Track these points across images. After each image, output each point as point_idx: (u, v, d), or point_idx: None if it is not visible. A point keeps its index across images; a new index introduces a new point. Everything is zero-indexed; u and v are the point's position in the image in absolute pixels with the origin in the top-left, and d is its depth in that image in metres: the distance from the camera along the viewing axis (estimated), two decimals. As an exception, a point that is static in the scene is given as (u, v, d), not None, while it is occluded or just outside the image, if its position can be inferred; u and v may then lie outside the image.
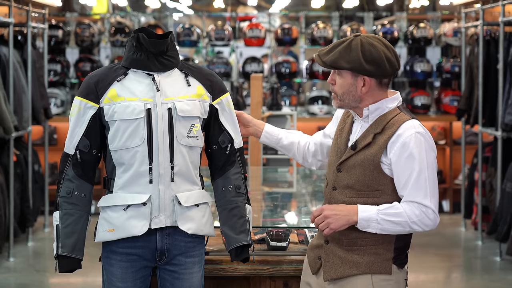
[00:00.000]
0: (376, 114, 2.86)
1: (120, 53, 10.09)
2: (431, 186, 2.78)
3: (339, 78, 2.85)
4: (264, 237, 3.51)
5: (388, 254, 2.84)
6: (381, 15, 10.93)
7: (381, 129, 2.82)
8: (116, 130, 2.95)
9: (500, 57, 7.20)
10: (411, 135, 2.78)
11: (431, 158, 2.79)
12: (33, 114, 7.70)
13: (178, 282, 3.03)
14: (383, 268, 2.83)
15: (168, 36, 3.04)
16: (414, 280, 6.46)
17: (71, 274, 3.04)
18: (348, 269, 2.84)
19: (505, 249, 6.76)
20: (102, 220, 3.01)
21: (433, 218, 2.77)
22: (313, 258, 2.95)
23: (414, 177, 2.76)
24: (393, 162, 2.78)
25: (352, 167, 2.84)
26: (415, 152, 2.76)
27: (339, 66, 2.82)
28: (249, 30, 9.66)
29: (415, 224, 2.76)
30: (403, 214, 2.75)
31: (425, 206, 2.76)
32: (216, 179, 3.12)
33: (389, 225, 2.76)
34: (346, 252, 2.84)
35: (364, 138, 2.84)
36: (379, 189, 2.81)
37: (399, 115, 2.84)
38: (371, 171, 2.80)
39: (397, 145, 2.78)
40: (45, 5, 8.59)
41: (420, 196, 2.76)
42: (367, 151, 2.82)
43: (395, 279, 2.86)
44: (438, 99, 9.54)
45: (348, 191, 2.84)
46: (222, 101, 3.10)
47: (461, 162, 8.70)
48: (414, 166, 2.76)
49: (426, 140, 2.79)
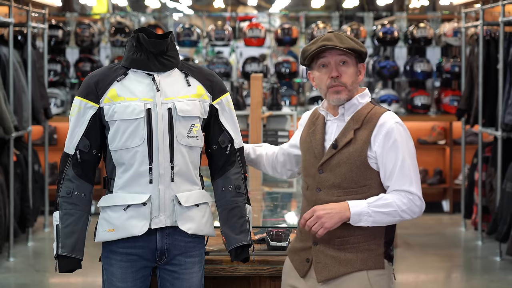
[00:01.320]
0: (351, 111, 2.91)
1: (120, 53, 10.09)
2: (415, 174, 2.84)
3: (347, 68, 2.90)
4: (264, 237, 3.51)
5: (380, 249, 2.87)
6: (381, 15, 10.93)
7: (360, 124, 2.87)
8: (116, 130, 2.95)
9: (500, 57, 7.20)
10: (392, 125, 2.84)
11: (412, 148, 2.87)
12: (33, 114, 7.70)
13: (178, 282, 3.03)
14: (377, 263, 2.87)
15: (168, 36, 3.04)
16: (414, 280, 6.46)
17: (71, 274, 3.05)
18: (343, 268, 2.85)
19: (505, 249, 6.75)
20: (102, 220, 3.01)
21: (419, 204, 2.85)
22: (299, 261, 2.96)
23: (399, 166, 2.82)
24: (378, 154, 2.84)
25: (336, 165, 2.86)
26: (398, 141, 2.83)
27: (359, 50, 2.89)
28: (249, 30, 9.66)
29: (405, 212, 2.82)
30: (392, 204, 2.80)
31: (412, 193, 2.82)
32: (216, 179, 3.12)
33: (381, 216, 2.80)
34: (339, 251, 2.86)
35: (344, 136, 2.88)
36: (367, 184, 2.85)
37: (374, 108, 2.90)
38: (358, 167, 2.84)
39: (380, 137, 2.84)
40: (45, 5, 8.59)
41: (406, 184, 2.82)
42: (350, 148, 2.85)
43: (388, 273, 2.91)
44: (438, 99, 9.54)
45: (335, 191, 2.86)
46: (222, 101, 3.10)
47: (461, 162, 8.70)
48: (398, 155, 2.82)
49: (405, 129, 2.88)
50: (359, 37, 9.57)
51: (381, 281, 2.86)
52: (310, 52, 2.90)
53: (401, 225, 8.00)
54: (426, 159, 9.52)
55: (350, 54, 2.89)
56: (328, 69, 2.90)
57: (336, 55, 2.89)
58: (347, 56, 2.89)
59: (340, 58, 2.89)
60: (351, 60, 2.90)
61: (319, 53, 2.90)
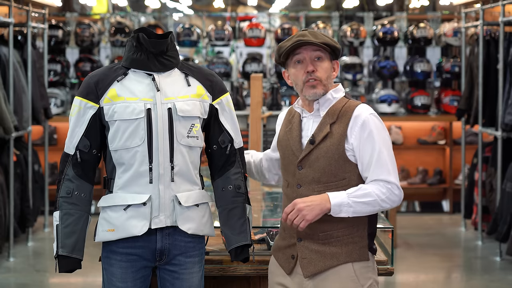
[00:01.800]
0: (326, 105, 2.95)
1: (120, 53, 10.09)
2: (391, 163, 2.87)
3: (322, 63, 2.95)
4: (264, 237, 3.51)
5: (363, 241, 2.91)
6: (381, 15, 10.93)
7: (335, 118, 2.91)
8: (116, 130, 2.95)
9: (500, 57, 7.20)
10: (367, 116, 2.89)
11: (388, 138, 2.91)
12: (33, 114, 7.70)
13: (178, 282, 3.03)
14: (362, 255, 2.91)
15: (168, 36, 3.04)
16: (414, 280, 6.46)
17: (71, 274, 3.05)
18: (328, 262, 2.88)
19: (505, 249, 6.75)
20: (102, 220, 3.01)
21: (398, 193, 2.86)
22: (285, 259, 2.98)
23: (376, 156, 2.85)
24: (355, 146, 2.87)
25: (315, 160, 2.90)
26: (373, 132, 2.87)
27: (333, 45, 2.95)
28: (249, 30, 9.66)
29: (384, 201, 2.84)
30: (372, 193, 2.83)
31: (390, 183, 2.85)
32: (216, 179, 3.12)
33: (361, 206, 2.82)
34: (323, 245, 2.89)
35: (320, 131, 2.92)
36: (346, 177, 2.88)
37: (348, 102, 2.95)
38: (336, 160, 2.88)
39: (356, 129, 2.87)
40: (45, 5, 8.59)
41: (384, 173, 2.85)
42: (328, 142, 2.89)
43: (372, 265, 2.95)
44: (438, 99, 9.54)
45: (315, 186, 2.90)
46: (222, 101, 3.10)
47: (461, 162, 8.70)
48: (374, 146, 2.86)
49: (380, 121, 2.92)
50: (359, 37, 9.58)
51: (366, 273, 2.91)
52: (285, 48, 2.96)
53: (401, 225, 8.05)
54: (426, 159, 9.52)
55: (325, 50, 2.95)
56: (304, 65, 2.95)
57: (311, 51, 2.94)
58: (321, 52, 2.95)
59: (315, 54, 2.95)
60: (326, 56, 2.95)
61: (294, 50, 2.95)
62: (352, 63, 9.65)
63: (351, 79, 9.72)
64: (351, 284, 2.88)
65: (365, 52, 10.90)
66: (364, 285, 2.90)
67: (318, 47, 2.94)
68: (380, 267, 3.32)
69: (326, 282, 2.89)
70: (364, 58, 10.72)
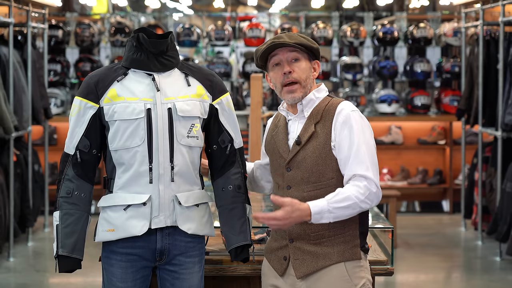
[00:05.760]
0: (309, 106, 2.95)
1: (120, 53, 10.09)
2: (370, 160, 2.85)
3: (299, 64, 2.94)
4: (264, 237, 3.51)
5: (355, 241, 2.91)
6: (381, 15, 10.93)
7: (320, 117, 2.91)
8: (116, 130, 2.95)
9: (500, 57, 7.20)
10: (348, 113, 2.88)
11: (368, 135, 2.89)
12: (33, 114, 7.70)
13: (178, 282, 3.03)
14: (354, 254, 2.90)
15: (168, 36, 3.04)
16: (414, 280, 6.46)
17: (71, 274, 3.05)
18: (320, 262, 2.88)
19: (505, 249, 6.75)
20: (102, 220, 3.01)
21: (376, 191, 2.83)
22: (277, 260, 2.97)
23: (354, 151, 2.83)
24: (336, 140, 2.87)
25: (302, 161, 2.89)
26: (353, 127, 2.86)
27: (309, 46, 2.94)
28: (249, 30, 9.66)
29: (364, 202, 2.81)
30: (350, 197, 2.80)
31: (367, 178, 2.82)
32: (216, 179, 3.12)
33: (341, 211, 2.80)
34: (315, 246, 2.89)
35: (305, 131, 2.92)
36: (334, 177, 2.88)
37: (331, 100, 2.95)
38: (323, 159, 2.87)
39: (337, 124, 2.87)
40: (45, 5, 8.59)
41: (362, 169, 2.82)
42: (314, 141, 2.89)
43: (364, 265, 2.94)
44: (438, 99, 9.54)
45: (304, 186, 2.89)
46: (222, 101, 3.10)
47: (461, 162, 8.70)
48: (352, 141, 2.84)
49: (362, 117, 2.91)
50: (359, 37, 9.58)
51: (359, 272, 2.90)
52: (261, 51, 2.96)
53: (401, 225, 8.05)
54: (426, 159, 9.52)
55: (302, 50, 2.94)
56: (281, 67, 2.95)
57: (287, 52, 2.94)
58: (298, 53, 2.94)
59: (292, 55, 2.94)
60: (303, 56, 2.95)
61: (270, 52, 2.95)
62: (352, 63, 9.65)
63: (351, 79, 9.72)
64: (343, 284, 2.87)
65: (365, 52, 10.90)
66: (357, 285, 2.89)
67: (294, 48, 2.93)
68: (380, 267, 3.32)
69: (318, 283, 2.88)
70: (364, 58, 10.71)
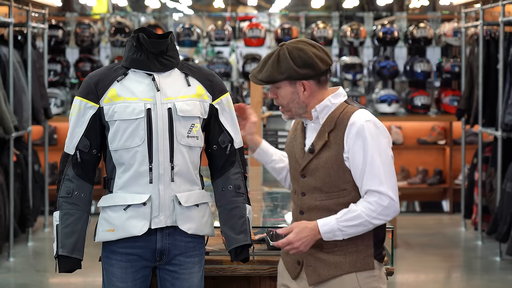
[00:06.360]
0: (324, 113, 2.88)
1: (120, 53, 10.09)
2: (386, 172, 2.78)
3: (279, 91, 2.89)
4: (264, 237, 3.51)
5: (369, 250, 2.86)
6: (381, 15, 10.93)
7: (333, 126, 2.85)
8: (116, 130, 2.95)
9: (500, 57, 7.20)
10: (361, 124, 2.80)
11: (384, 145, 2.81)
12: (33, 114, 7.70)
13: (178, 282, 3.03)
14: (366, 264, 2.85)
15: (168, 36, 3.04)
16: (414, 280, 6.46)
17: (71, 274, 3.05)
18: (332, 271, 2.85)
19: (505, 249, 6.75)
20: (102, 220, 3.01)
21: (388, 205, 2.77)
22: (291, 263, 2.96)
23: (368, 165, 2.77)
24: (349, 153, 2.81)
25: (315, 170, 2.85)
26: (367, 140, 2.78)
27: (275, 80, 2.87)
28: (249, 30, 9.66)
29: (376, 219, 2.78)
30: (361, 215, 2.77)
31: (380, 193, 2.76)
32: (216, 179, 3.12)
33: (353, 229, 2.78)
34: (328, 254, 2.85)
35: (319, 139, 2.87)
36: (347, 188, 2.83)
37: (347, 108, 2.87)
38: (336, 171, 2.82)
39: (350, 136, 2.81)
40: (45, 5, 8.59)
41: (375, 183, 2.77)
42: (327, 152, 2.84)
43: (378, 274, 2.89)
44: (438, 99, 9.54)
45: (318, 195, 2.86)
46: (222, 101, 3.10)
47: (461, 162, 8.70)
48: (366, 155, 2.78)
49: (377, 127, 2.82)
50: (359, 37, 9.57)
51: (371, 283, 2.85)
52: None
53: (401, 225, 8.05)
54: (426, 159, 9.52)
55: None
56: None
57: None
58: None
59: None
60: (282, 83, 2.88)
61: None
62: (352, 63, 9.65)
63: (351, 79, 9.72)
64: None
65: (365, 52, 10.90)
66: None
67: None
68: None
69: None
70: (364, 58, 10.72)
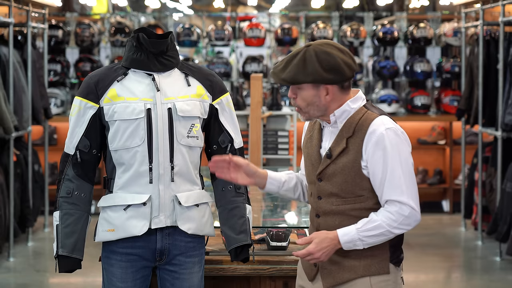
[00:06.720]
0: (343, 117, 2.82)
1: (120, 53, 10.09)
2: (407, 182, 2.75)
3: (301, 92, 2.81)
4: (264, 237, 3.51)
5: (384, 254, 2.83)
6: (381, 15, 10.93)
7: (352, 132, 2.78)
8: (116, 130, 2.95)
9: (500, 57, 7.20)
10: (382, 132, 2.74)
11: (405, 153, 2.76)
12: (33, 114, 7.70)
13: (178, 282, 3.03)
14: (381, 268, 2.82)
15: (168, 36, 3.04)
16: (414, 280, 6.46)
17: (71, 274, 3.05)
18: (346, 274, 2.83)
19: (505, 249, 6.75)
20: (102, 220, 3.01)
21: (409, 214, 2.74)
22: (308, 265, 2.94)
23: (389, 175, 2.73)
24: (368, 162, 2.76)
25: (332, 175, 2.81)
26: (388, 149, 2.73)
27: (299, 81, 2.78)
28: (249, 30, 9.66)
29: (397, 229, 2.75)
30: (381, 225, 2.74)
31: (401, 203, 2.73)
32: (216, 179, 3.12)
33: (373, 239, 2.76)
34: (343, 257, 2.83)
35: (337, 145, 2.81)
36: (364, 194, 2.79)
37: (366, 114, 2.80)
38: (353, 177, 2.78)
39: (369, 145, 2.75)
40: (45, 5, 8.59)
41: (396, 193, 2.74)
42: (344, 158, 2.79)
43: (393, 279, 2.85)
44: (438, 99, 9.54)
45: (334, 199, 2.82)
46: (222, 101, 3.10)
47: (461, 162, 8.70)
48: (387, 164, 2.73)
49: (397, 135, 2.76)
50: (359, 37, 9.57)
51: (385, 287, 2.83)
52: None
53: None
54: (426, 159, 9.52)
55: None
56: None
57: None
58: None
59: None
60: (307, 84, 2.79)
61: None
62: (352, 63, 9.63)
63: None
64: None
65: (365, 52, 10.90)
66: None
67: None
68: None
69: None
70: (364, 58, 10.72)
